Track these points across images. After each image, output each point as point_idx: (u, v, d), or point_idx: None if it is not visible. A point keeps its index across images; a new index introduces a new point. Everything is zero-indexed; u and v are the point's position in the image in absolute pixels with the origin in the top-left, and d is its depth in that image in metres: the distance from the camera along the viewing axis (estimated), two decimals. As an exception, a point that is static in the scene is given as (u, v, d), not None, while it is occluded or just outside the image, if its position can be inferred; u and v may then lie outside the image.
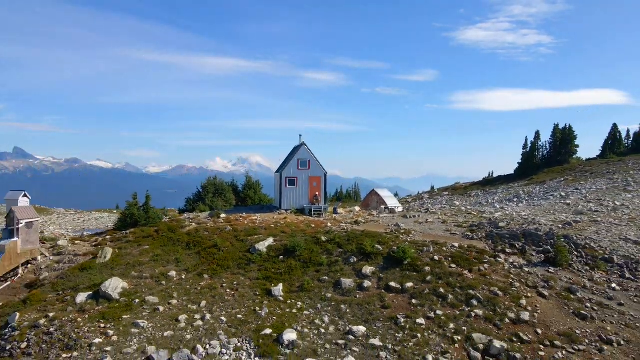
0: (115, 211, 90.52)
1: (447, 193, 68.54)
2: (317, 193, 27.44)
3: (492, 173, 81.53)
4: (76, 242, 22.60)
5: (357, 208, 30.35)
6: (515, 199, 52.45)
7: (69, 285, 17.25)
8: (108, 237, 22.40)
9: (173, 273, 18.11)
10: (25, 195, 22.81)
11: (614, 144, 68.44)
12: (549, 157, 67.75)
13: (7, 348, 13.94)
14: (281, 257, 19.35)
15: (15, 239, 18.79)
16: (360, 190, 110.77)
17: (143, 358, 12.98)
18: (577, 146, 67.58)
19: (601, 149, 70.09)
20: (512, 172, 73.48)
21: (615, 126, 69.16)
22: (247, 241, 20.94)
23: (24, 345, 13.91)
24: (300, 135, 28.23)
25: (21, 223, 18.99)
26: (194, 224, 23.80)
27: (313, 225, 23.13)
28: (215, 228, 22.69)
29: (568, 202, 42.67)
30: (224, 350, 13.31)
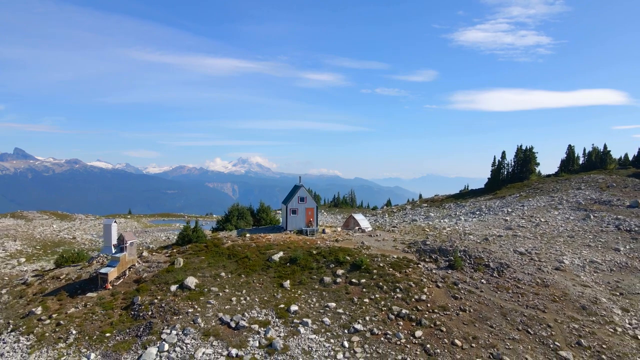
0: (129, 216, 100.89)
1: (426, 205, 79.99)
2: (311, 219, 39.12)
3: (468, 186, 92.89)
4: (153, 253, 34.38)
5: (339, 229, 42.12)
6: (477, 212, 63.86)
7: (162, 281, 28.94)
8: (175, 250, 34.14)
9: (223, 274, 29.79)
10: (115, 222, 34.64)
11: (568, 162, 78.76)
12: (513, 174, 78.46)
13: (140, 314, 25.63)
14: (288, 264, 30.97)
15: (124, 253, 30.55)
16: (355, 196, 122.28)
17: (217, 318, 24.63)
18: (538, 164, 77.97)
19: (558, 167, 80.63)
20: (483, 186, 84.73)
21: (570, 147, 79.48)
22: (266, 253, 32.63)
23: (149, 313, 25.58)
24: (300, 177, 40.02)
25: (127, 242, 30.75)
26: (229, 241, 35.52)
27: (308, 243, 34.79)
28: (244, 244, 34.40)
29: (507, 218, 54.28)
30: (259, 315, 24.96)
